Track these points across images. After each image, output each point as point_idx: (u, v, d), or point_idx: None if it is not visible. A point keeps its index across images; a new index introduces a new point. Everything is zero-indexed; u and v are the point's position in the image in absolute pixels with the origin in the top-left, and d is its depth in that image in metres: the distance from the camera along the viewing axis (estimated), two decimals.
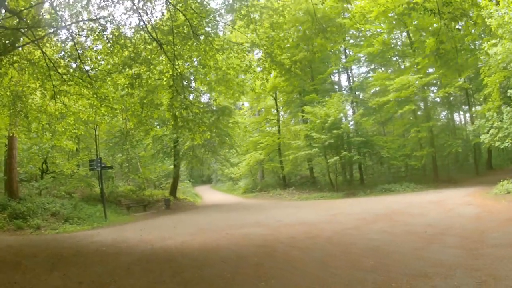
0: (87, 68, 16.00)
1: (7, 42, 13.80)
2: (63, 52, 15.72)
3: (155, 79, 17.99)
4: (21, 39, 14.43)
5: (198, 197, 48.03)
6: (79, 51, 15.03)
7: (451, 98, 38.81)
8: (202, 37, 15.59)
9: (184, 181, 50.39)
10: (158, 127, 36.45)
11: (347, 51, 44.01)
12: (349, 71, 46.57)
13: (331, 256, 10.75)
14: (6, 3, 13.24)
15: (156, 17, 15.06)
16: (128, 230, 20.62)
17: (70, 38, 14.80)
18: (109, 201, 30.17)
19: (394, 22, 35.69)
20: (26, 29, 13.59)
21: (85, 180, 31.84)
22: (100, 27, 13.97)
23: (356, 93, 44.51)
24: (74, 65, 15.79)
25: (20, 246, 16.01)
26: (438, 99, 40.18)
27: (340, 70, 46.64)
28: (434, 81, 34.51)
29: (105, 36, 14.38)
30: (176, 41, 14.84)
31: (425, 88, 35.07)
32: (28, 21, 13.26)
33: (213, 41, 16.04)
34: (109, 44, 14.80)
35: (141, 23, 14.51)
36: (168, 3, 14.46)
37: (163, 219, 26.58)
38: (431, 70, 36.05)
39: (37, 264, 12.00)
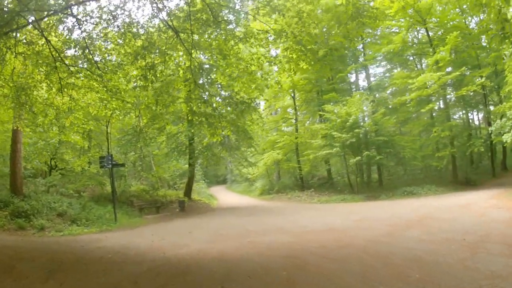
0: (96, 59, 14.98)
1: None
2: (69, 40, 14.52)
3: (170, 70, 16.75)
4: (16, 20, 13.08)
5: (213, 199, 46.53)
6: (87, 41, 13.96)
7: (468, 97, 37.57)
8: (222, 25, 14.33)
9: (199, 181, 49.33)
10: (172, 124, 35.44)
11: (362, 50, 43.70)
12: (367, 71, 45.94)
13: (371, 268, 9.48)
14: None
15: (172, 2, 13.69)
16: (138, 235, 19.30)
17: (77, 25, 13.65)
18: (121, 201, 29.23)
19: (411, 20, 34.63)
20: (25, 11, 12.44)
21: (96, 178, 30.94)
22: (110, 15, 13.14)
23: (374, 93, 43.14)
24: (82, 56, 14.70)
25: (17, 247, 14.63)
26: (453, 99, 39.07)
27: (358, 70, 45.72)
28: (449, 81, 33.67)
29: (115, 24, 13.53)
30: (193, 29, 13.69)
31: (444, 87, 33.93)
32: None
33: (237, 26, 14.92)
34: (119, 32, 13.89)
35: (155, 10, 13.50)
36: None
37: (177, 222, 25.26)
38: (448, 69, 34.80)
39: (32, 270, 10.77)
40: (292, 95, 45.47)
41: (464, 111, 42.21)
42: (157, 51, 14.44)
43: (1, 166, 26.60)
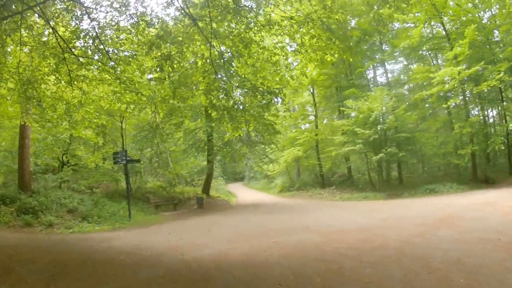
0: (107, 49, 14.19)
1: None
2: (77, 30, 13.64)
3: (188, 61, 15.82)
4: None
5: (232, 196, 45.26)
6: (97, 30, 13.25)
7: (483, 94, 36.61)
8: (243, 11, 13.42)
9: (218, 178, 49.02)
10: (190, 120, 34.84)
11: (379, 45, 42.78)
12: (384, 67, 44.98)
13: (412, 273, 8.64)
14: None
15: None
16: (154, 233, 18.38)
17: (86, 14, 12.91)
18: (136, 198, 28.80)
19: (427, 14, 33.51)
20: None
21: (110, 174, 30.23)
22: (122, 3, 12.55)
23: (393, 89, 41.96)
24: (92, 46, 13.95)
25: (20, 247, 13.73)
26: (470, 95, 37.97)
27: (375, 66, 45.45)
28: (465, 78, 32.10)
29: (128, 13, 12.89)
30: (212, 16, 12.68)
31: (463, 82, 32.76)
32: None
33: (257, 14, 13.86)
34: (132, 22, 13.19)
35: None
36: None
37: (196, 220, 24.20)
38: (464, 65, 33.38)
39: (32, 273, 9.86)
40: (311, 91, 45.23)
41: (479, 108, 41.15)
42: (174, 40, 13.60)
43: (10, 162, 26.21)
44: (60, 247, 13.95)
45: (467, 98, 35.84)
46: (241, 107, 15.79)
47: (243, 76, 15.22)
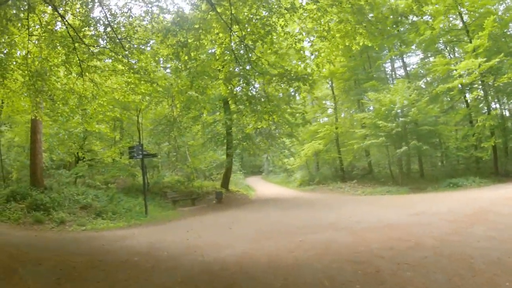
0: (120, 38, 13.42)
1: None
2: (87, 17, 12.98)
3: (206, 50, 14.76)
4: None
5: (251, 190, 44.62)
6: (108, 18, 12.60)
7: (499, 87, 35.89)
8: None
9: (236, 172, 48.71)
10: (208, 114, 34.73)
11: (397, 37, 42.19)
12: (403, 60, 44.49)
13: (457, 276, 7.85)
14: None
15: None
16: (171, 231, 17.44)
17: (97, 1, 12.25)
18: (153, 193, 28.49)
19: (447, 8, 33.28)
20: None
21: (127, 169, 29.81)
22: None
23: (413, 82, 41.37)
24: (103, 34, 13.31)
25: (26, 246, 12.85)
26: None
27: (394, 58, 44.78)
28: (484, 71, 31.39)
29: None
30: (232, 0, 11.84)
31: (484, 74, 32.04)
32: None
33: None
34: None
35: None
36: None
37: (215, 216, 23.41)
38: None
39: (36, 276, 9.00)
40: (330, 83, 44.85)
41: (497, 101, 40.34)
42: (190, 27, 12.74)
43: (24, 158, 25.87)
44: (69, 247, 13.11)
45: (487, 92, 35.17)
46: (262, 99, 14.85)
47: (266, 63, 14.24)
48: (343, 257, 9.98)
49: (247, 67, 13.66)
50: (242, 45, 13.35)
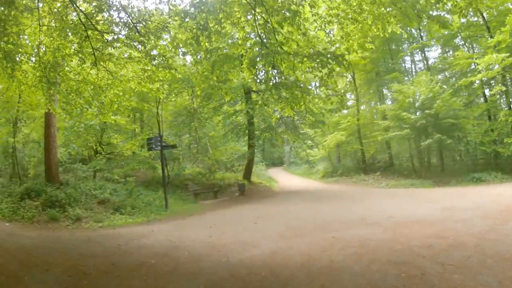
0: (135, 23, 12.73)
1: None
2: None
3: (228, 34, 14.11)
4: None
5: (273, 181, 43.77)
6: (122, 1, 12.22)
7: None
8: None
9: (258, 164, 48.41)
10: (229, 103, 35.06)
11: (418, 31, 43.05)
12: (424, 53, 45.03)
13: (508, 280, 7.24)
14: None
15: None
16: (192, 226, 16.68)
17: None
18: (174, 186, 28.13)
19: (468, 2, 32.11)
20: None
21: (147, 161, 29.23)
22: None
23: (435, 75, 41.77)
24: (117, 20, 12.57)
25: (36, 248, 12.02)
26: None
27: (413, 52, 45.48)
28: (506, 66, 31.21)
29: None
30: None
31: (506, 69, 31.65)
32: None
33: None
34: None
35: None
36: None
37: (238, 209, 22.71)
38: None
39: (43, 285, 8.20)
40: (351, 75, 44.21)
41: None
42: (211, 9, 11.79)
43: (40, 154, 25.33)
44: (83, 248, 12.25)
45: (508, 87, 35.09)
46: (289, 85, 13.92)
47: (295, 44, 13.23)
48: (382, 257, 9.15)
49: (273, 50, 12.66)
50: (267, 28, 12.33)
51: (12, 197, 18.91)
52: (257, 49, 12.86)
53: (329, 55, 12.56)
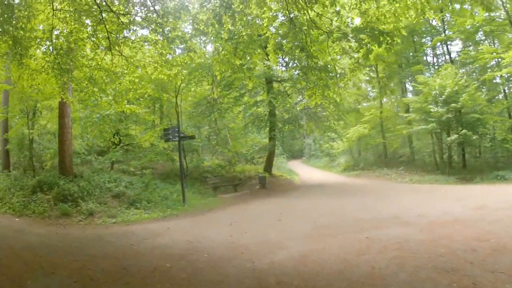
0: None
1: None
2: None
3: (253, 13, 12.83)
4: None
5: (294, 174, 43.08)
6: None
7: None
8: None
9: (279, 156, 47.73)
10: (250, 94, 34.69)
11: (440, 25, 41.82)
12: (447, 46, 43.71)
13: None
14: None
15: None
16: (211, 223, 15.85)
17: None
18: (193, 178, 27.55)
19: None
20: None
21: (165, 153, 28.53)
22: None
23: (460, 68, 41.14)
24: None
25: (43, 247, 11.30)
26: None
27: (435, 45, 44.19)
28: None
29: None
30: None
31: None
32: None
33: None
34: None
35: None
36: None
37: (260, 204, 21.74)
38: None
39: None
40: (375, 67, 43.60)
41: None
42: None
43: (56, 146, 24.32)
44: (92, 247, 11.36)
45: None
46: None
47: (329, 22, 12.22)
48: (427, 262, 8.24)
49: (304, 29, 11.61)
50: (297, 4, 11.28)
51: (24, 191, 18.36)
52: (283, 30, 11.89)
53: (373, 31, 11.43)
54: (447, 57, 43.22)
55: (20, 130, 24.90)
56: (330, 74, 13.36)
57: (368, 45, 11.53)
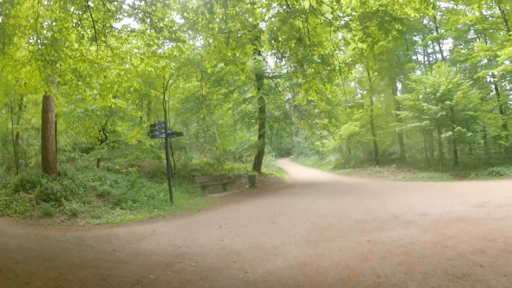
0: None
1: None
2: None
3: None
4: None
5: (284, 172, 43.08)
6: None
7: None
8: None
9: (268, 154, 47.85)
10: (239, 91, 34.79)
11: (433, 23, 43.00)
12: (439, 44, 45.18)
13: None
14: None
15: None
16: (200, 226, 15.08)
17: None
18: (181, 177, 27.16)
19: None
20: None
21: (152, 150, 28.28)
22: None
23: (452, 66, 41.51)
24: None
25: (21, 251, 10.49)
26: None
27: (428, 44, 45.26)
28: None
29: None
30: None
31: None
32: None
33: None
34: None
35: None
36: None
37: (251, 204, 21.24)
38: None
39: None
40: (366, 65, 43.83)
41: None
42: None
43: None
44: (71, 253, 10.49)
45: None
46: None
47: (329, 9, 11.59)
48: (436, 268, 7.75)
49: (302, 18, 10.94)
50: None
51: (6, 189, 17.78)
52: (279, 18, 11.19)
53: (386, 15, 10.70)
54: (438, 55, 43.55)
55: (4, 124, 24.16)
56: (329, 68, 12.82)
57: (373, 34, 10.87)
